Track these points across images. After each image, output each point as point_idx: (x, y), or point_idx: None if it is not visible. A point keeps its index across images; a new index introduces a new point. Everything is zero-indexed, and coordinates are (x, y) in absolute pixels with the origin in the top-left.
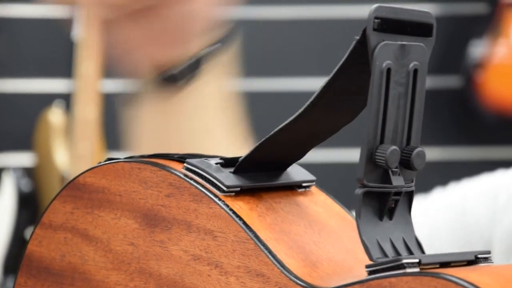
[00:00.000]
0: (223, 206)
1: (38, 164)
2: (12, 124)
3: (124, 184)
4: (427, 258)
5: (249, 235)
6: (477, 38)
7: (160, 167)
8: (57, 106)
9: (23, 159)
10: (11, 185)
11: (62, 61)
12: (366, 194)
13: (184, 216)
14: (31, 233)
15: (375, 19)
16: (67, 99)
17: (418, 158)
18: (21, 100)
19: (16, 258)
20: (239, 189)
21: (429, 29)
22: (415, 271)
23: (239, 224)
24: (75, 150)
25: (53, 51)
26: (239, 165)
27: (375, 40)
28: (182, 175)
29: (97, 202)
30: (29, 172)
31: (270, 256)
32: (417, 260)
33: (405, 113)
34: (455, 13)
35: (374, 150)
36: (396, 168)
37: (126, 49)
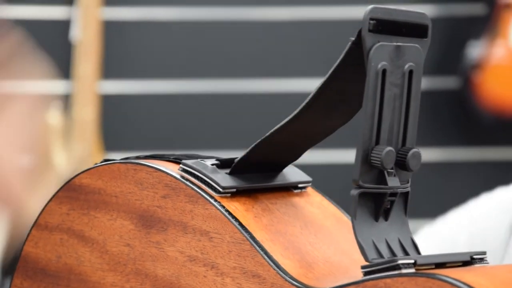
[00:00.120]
0: (219, 207)
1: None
2: None
3: (120, 185)
4: (422, 258)
5: (245, 236)
6: (475, 39)
7: (156, 168)
8: (55, 107)
9: None
10: None
11: (60, 63)
12: (362, 195)
13: (180, 217)
14: (27, 234)
15: (370, 20)
16: (65, 100)
17: (414, 159)
18: None
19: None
20: (235, 190)
21: (424, 30)
22: (411, 271)
23: (235, 225)
24: (72, 151)
25: (51, 52)
26: (235, 166)
27: (370, 41)
28: (178, 176)
29: (93, 203)
30: None
31: (266, 257)
32: (412, 261)
33: (400, 114)
34: (453, 14)
35: (369, 151)
36: (391, 169)
37: None
